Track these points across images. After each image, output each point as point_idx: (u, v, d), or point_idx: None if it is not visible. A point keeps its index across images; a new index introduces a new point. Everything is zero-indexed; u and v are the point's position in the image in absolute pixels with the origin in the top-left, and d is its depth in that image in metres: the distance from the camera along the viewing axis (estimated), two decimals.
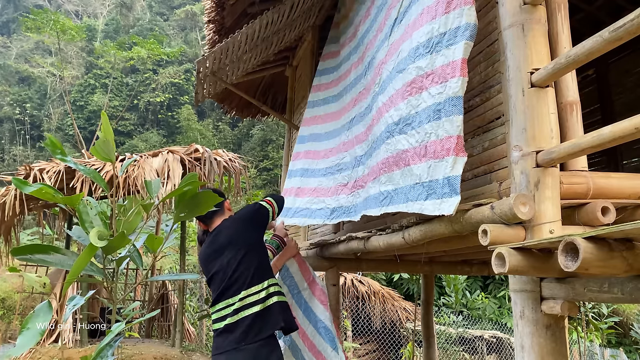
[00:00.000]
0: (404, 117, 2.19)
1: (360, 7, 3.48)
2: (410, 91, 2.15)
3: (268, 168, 24.32)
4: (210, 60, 4.02)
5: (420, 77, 2.08)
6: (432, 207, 1.97)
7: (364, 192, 2.83)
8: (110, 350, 1.50)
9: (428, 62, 2.03)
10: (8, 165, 26.62)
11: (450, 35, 1.93)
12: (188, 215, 1.81)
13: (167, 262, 14.27)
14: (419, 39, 2.12)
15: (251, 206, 2.67)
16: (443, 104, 1.92)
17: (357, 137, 3.13)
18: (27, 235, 15.84)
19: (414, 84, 2.12)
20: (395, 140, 2.27)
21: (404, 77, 2.22)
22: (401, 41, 2.34)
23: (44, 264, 1.46)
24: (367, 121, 2.91)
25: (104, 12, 36.90)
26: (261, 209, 2.64)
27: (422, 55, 2.08)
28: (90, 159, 7.66)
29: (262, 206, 2.65)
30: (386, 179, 2.38)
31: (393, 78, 2.36)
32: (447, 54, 1.93)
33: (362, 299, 9.21)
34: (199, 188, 1.76)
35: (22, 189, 1.40)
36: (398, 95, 2.26)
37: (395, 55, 2.37)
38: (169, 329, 9.38)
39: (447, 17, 1.96)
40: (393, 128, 2.30)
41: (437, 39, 2.00)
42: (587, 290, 1.45)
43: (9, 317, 10.97)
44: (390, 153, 2.33)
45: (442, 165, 1.91)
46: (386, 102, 2.44)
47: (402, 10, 2.46)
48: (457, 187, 1.83)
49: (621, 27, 1.29)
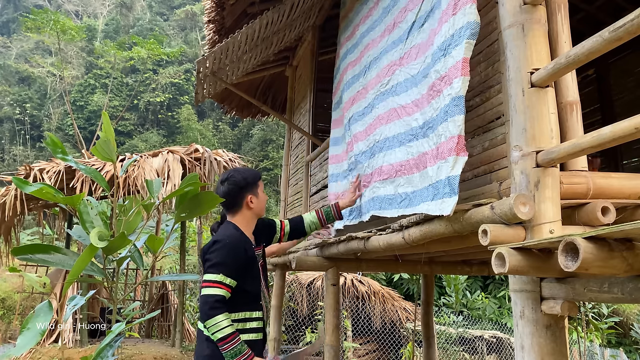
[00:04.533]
0: (427, 120, 2.23)
1: (360, 8, 3.48)
2: (432, 95, 2.18)
3: (268, 168, 24.33)
4: (210, 60, 4.02)
5: (438, 81, 2.11)
6: (435, 207, 1.99)
7: (368, 191, 2.84)
8: (110, 350, 1.51)
9: (442, 65, 2.06)
10: (8, 165, 26.62)
11: (457, 36, 1.95)
12: (189, 215, 1.82)
13: (167, 262, 14.27)
14: (438, 43, 2.14)
15: (208, 261, 2.25)
16: (449, 105, 1.94)
17: (355, 136, 3.14)
18: (27, 235, 15.84)
19: (434, 87, 2.15)
20: (419, 143, 2.30)
21: (427, 81, 2.25)
22: (427, 45, 2.36)
23: (44, 264, 1.46)
24: (368, 120, 2.91)
25: (104, 12, 36.89)
26: (204, 290, 2.19)
27: (438, 58, 2.11)
28: (90, 158, 7.67)
29: (205, 286, 2.21)
30: (405, 181, 2.41)
31: (419, 82, 2.37)
32: (454, 55, 1.96)
33: (362, 299, 9.21)
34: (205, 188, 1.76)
35: (22, 189, 1.40)
36: (424, 99, 2.29)
37: (421, 60, 2.38)
38: (169, 329, 9.38)
39: (455, 19, 1.99)
40: (417, 132, 2.33)
41: (448, 41, 2.03)
42: (587, 290, 1.45)
43: (9, 317, 10.97)
44: (411, 156, 2.36)
45: (445, 166, 1.93)
46: (408, 105, 2.46)
47: (421, 14, 2.46)
48: (455, 187, 1.84)
49: (621, 27, 1.29)
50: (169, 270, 13.63)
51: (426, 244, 2.42)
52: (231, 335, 2.14)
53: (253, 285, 2.38)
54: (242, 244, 2.35)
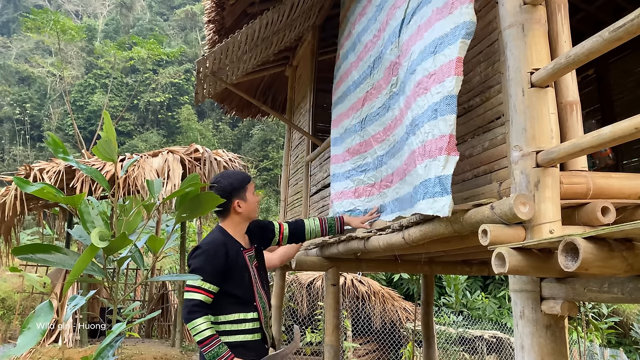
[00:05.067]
0: (415, 117, 2.23)
1: (355, 6, 3.47)
2: (418, 92, 2.18)
3: (268, 168, 24.34)
4: (210, 60, 4.02)
5: (425, 78, 2.11)
6: (426, 205, 1.99)
7: (391, 191, 2.82)
8: (111, 350, 1.51)
9: (432, 63, 2.06)
10: (8, 165, 26.62)
11: (452, 35, 1.95)
12: (189, 216, 1.81)
13: (167, 263, 14.27)
14: (427, 41, 2.14)
15: (190, 267, 2.40)
16: (439, 103, 1.94)
17: (375, 137, 3.10)
18: (27, 235, 15.84)
19: (421, 84, 2.15)
20: (410, 141, 2.31)
21: (414, 78, 2.25)
22: (412, 43, 2.36)
23: (45, 264, 1.46)
24: (386, 121, 2.89)
25: (104, 12, 36.90)
26: (187, 292, 2.32)
27: (428, 56, 2.11)
28: (90, 158, 7.67)
29: (186, 290, 2.34)
30: (410, 178, 2.42)
31: (407, 80, 2.39)
32: (447, 54, 1.95)
33: (362, 299, 9.21)
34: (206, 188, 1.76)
35: (23, 189, 1.40)
36: (412, 96, 2.30)
37: (408, 57, 2.40)
38: (169, 329, 9.38)
39: (450, 17, 1.98)
40: (409, 129, 2.34)
41: (440, 40, 2.02)
42: (587, 290, 1.45)
43: (9, 317, 10.97)
44: (408, 154, 2.38)
45: (435, 164, 1.93)
46: (405, 103, 2.47)
47: (409, 11, 2.46)
48: (447, 186, 1.84)
49: (621, 27, 1.29)
50: (169, 270, 13.63)
51: (426, 244, 2.42)
52: (209, 337, 2.22)
53: (241, 288, 2.41)
54: (223, 249, 2.39)
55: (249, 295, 2.43)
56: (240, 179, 2.53)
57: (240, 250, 2.47)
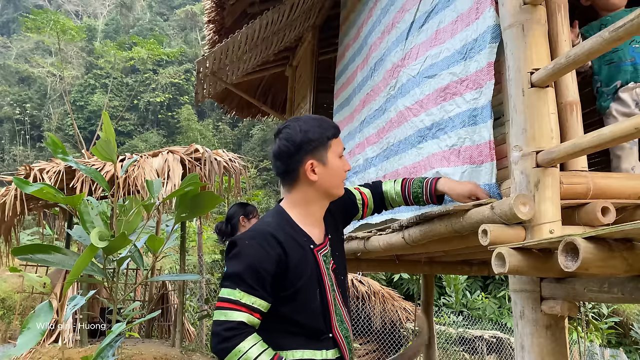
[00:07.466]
0: (436, 122, 2.24)
1: (362, 8, 3.48)
2: (444, 97, 2.19)
3: (268, 168, 24.31)
4: (210, 60, 4.03)
5: (454, 83, 2.12)
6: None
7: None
8: (111, 350, 1.51)
9: (462, 69, 2.08)
10: (8, 165, 26.62)
11: (480, 41, 1.98)
12: (189, 215, 1.82)
13: (167, 263, 14.27)
14: (455, 46, 2.16)
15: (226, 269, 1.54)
16: (480, 109, 1.96)
17: (368, 139, 3.14)
18: (27, 235, 15.83)
19: (448, 89, 2.16)
20: (427, 144, 2.32)
21: (436, 82, 2.26)
22: (426, 47, 2.37)
23: (45, 264, 1.46)
24: (380, 123, 2.91)
25: (104, 12, 36.92)
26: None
27: (457, 61, 2.13)
28: (90, 159, 7.67)
29: (217, 307, 1.48)
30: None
31: (420, 83, 2.39)
32: (479, 60, 1.98)
33: (362, 299, 9.21)
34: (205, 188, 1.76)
35: (23, 189, 1.40)
36: (430, 100, 2.30)
37: (421, 60, 2.41)
38: (169, 329, 9.37)
39: (477, 23, 2.01)
40: (426, 133, 2.35)
41: (470, 45, 2.05)
42: (587, 290, 1.45)
43: (9, 317, 10.97)
44: (421, 157, 2.38)
45: (482, 171, 1.94)
46: (413, 106, 2.48)
47: (420, 15, 2.47)
48: (497, 195, 1.85)
49: (621, 27, 1.29)
50: (169, 270, 13.63)
51: (426, 244, 2.42)
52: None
53: (308, 311, 1.55)
54: (277, 243, 1.51)
55: (320, 323, 1.57)
56: (321, 129, 1.61)
57: (310, 247, 1.59)
